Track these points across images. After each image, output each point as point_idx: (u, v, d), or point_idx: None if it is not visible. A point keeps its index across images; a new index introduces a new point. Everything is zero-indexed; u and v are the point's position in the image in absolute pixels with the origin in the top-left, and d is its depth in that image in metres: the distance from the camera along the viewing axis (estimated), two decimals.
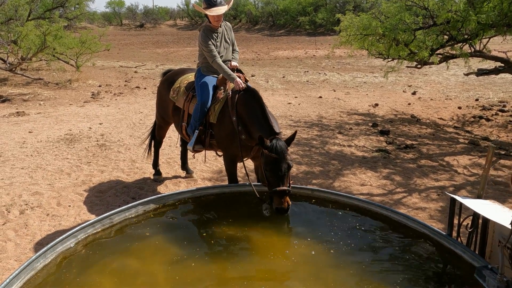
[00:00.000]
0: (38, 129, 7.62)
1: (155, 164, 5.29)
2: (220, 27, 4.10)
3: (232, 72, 4.00)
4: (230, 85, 4.04)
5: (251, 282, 2.63)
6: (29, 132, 7.38)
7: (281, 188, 3.24)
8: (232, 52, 4.32)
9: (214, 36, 4.06)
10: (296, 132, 3.55)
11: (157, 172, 5.27)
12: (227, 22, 4.25)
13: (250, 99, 3.77)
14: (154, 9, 49.26)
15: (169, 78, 4.74)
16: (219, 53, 4.08)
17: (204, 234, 3.21)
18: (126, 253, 2.82)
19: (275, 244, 3.17)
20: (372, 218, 3.39)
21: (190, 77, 4.49)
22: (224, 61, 4.14)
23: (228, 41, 4.22)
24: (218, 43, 4.10)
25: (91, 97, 10.91)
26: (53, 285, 2.43)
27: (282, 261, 2.90)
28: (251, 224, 3.33)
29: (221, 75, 4.10)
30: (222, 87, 4.13)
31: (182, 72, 4.77)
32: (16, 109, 9.43)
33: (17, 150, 6.36)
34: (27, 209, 4.43)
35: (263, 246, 3.11)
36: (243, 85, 3.88)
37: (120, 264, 2.71)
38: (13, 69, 12.30)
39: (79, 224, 3.10)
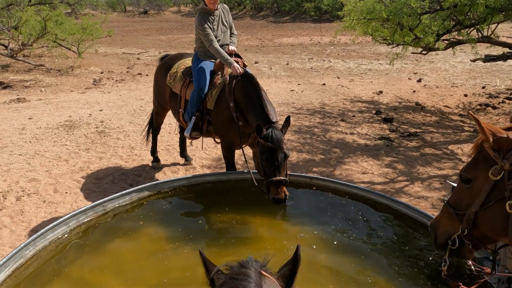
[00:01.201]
0: (38, 115, 7.57)
1: (153, 151, 5.22)
2: (216, 9, 3.97)
3: (229, 57, 3.89)
4: (228, 70, 3.93)
5: None
6: (29, 118, 7.34)
7: (278, 178, 3.18)
8: (230, 36, 4.20)
9: (210, 19, 3.94)
10: (289, 117, 3.45)
11: (155, 159, 5.21)
12: (224, 5, 4.12)
13: (247, 85, 3.68)
14: None
15: (166, 63, 4.63)
16: (216, 37, 3.96)
17: (200, 222, 3.16)
18: (117, 240, 2.76)
19: (271, 233, 3.11)
20: (372, 207, 3.31)
21: (187, 62, 4.38)
22: (221, 45, 4.02)
23: (226, 24, 4.09)
24: (215, 27, 3.98)
25: (93, 84, 10.83)
26: (41, 274, 2.38)
27: (278, 249, 2.83)
28: (248, 212, 3.26)
29: (218, 60, 3.99)
30: (219, 72, 4.02)
31: (179, 57, 4.66)
32: (17, 95, 9.38)
33: (16, 136, 6.32)
34: (23, 196, 4.39)
35: (259, 234, 3.05)
36: (241, 70, 3.78)
37: (111, 252, 2.66)
38: (14, 55, 12.23)
39: (73, 211, 3.05)
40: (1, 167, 5.13)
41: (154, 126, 5.18)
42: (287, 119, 3.42)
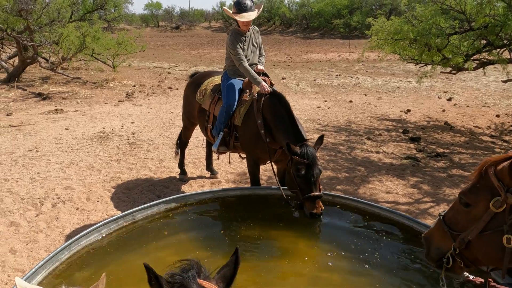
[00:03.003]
0: (74, 126, 7.96)
1: (181, 164, 5.40)
2: (248, 31, 4.15)
3: (258, 76, 4.03)
4: (256, 88, 4.07)
5: (265, 285, 2.64)
6: (66, 129, 7.73)
7: (315, 193, 3.29)
8: (259, 56, 4.35)
9: (242, 39, 4.11)
10: (322, 136, 3.55)
11: (183, 172, 5.38)
12: (255, 27, 4.29)
13: (277, 104, 3.80)
14: (190, 11, 50.33)
15: (195, 80, 4.83)
16: (246, 56, 4.12)
17: (222, 233, 3.26)
18: (144, 249, 2.90)
19: (293, 249, 3.16)
20: (395, 227, 3.31)
21: (217, 79, 4.56)
22: (250, 65, 4.18)
23: (255, 45, 4.25)
24: (246, 47, 4.15)
25: (125, 97, 11.27)
26: (73, 277, 2.54)
27: (299, 266, 2.89)
28: (270, 227, 3.34)
29: (247, 78, 4.14)
30: (248, 90, 4.17)
31: (208, 74, 4.85)
32: (55, 106, 9.89)
33: (53, 145, 6.67)
34: (58, 203, 4.64)
35: (281, 250, 3.11)
36: (269, 88, 3.91)
37: (137, 261, 2.79)
38: (54, 68, 12.91)
39: (105, 219, 3.22)
40: (39, 174, 5.44)
41: (182, 140, 5.37)
42: (321, 138, 3.56)
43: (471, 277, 1.80)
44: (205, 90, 4.52)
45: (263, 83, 3.94)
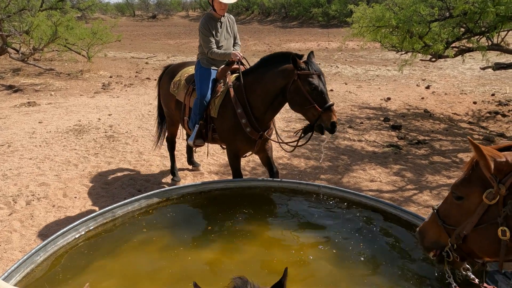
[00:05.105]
0: (48, 119, 7.65)
1: (173, 170, 5.02)
2: (223, 16, 4.01)
3: (226, 50, 3.94)
4: (231, 78, 3.93)
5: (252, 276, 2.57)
6: (39, 122, 7.42)
7: (331, 102, 3.37)
8: (234, 45, 4.20)
9: (216, 25, 3.96)
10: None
11: (176, 177, 5.00)
12: (230, 15, 4.16)
13: (257, 73, 3.70)
14: (167, 0, 49.22)
15: (169, 72, 4.63)
16: (219, 42, 3.99)
17: (209, 228, 3.16)
18: (126, 246, 2.78)
19: (278, 240, 3.10)
20: (380, 216, 3.29)
21: (191, 70, 4.37)
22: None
23: (230, 33, 4.11)
24: (219, 33, 4.00)
25: (102, 88, 10.93)
26: (50, 281, 2.40)
27: (284, 257, 2.83)
28: (256, 220, 3.26)
29: (220, 68, 4.00)
30: (221, 80, 4.01)
31: (182, 65, 4.66)
32: (28, 99, 9.50)
33: (26, 140, 6.39)
34: (33, 200, 4.43)
35: (266, 242, 3.05)
36: (241, 54, 3.84)
37: (119, 259, 2.67)
38: (26, 59, 12.39)
39: (83, 217, 3.07)
40: (12, 170, 5.19)
41: (168, 139, 5.03)
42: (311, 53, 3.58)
43: (476, 280, 1.77)
44: (179, 81, 4.33)
45: (234, 51, 3.87)
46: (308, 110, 3.44)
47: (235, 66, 3.93)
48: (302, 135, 3.75)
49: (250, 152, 4.04)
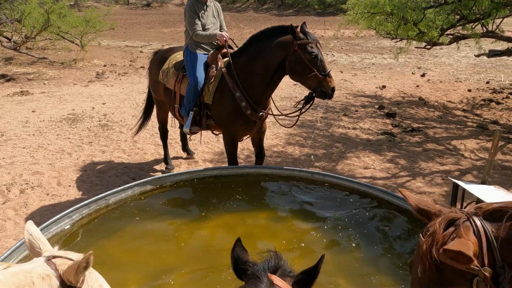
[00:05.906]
0: (42, 108, 7.60)
1: (166, 159, 4.99)
2: (210, 1, 3.98)
3: (212, 32, 3.92)
4: (222, 62, 3.89)
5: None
6: (32, 111, 7.36)
7: (329, 69, 3.55)
8: (220, 30, 4.14)
9: (201, 7, 3.91)
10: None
11: (169, 165, 4.97)
12: (216, 2, 4.12)
13: (248, 55, 3.72)
14: None
15: (158, 58, 4.54)
16: (205, 25, 3.94)
17: (203, 214, 3.18)
18: (119, 234, 2.79)
19: (272, 227, 3.13)
20: (373, 202, 3.32)
21: (179, 56, 4.29)
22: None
23: (216, 18, 4.07)
24: (205, 17, 3.95)
25: (96, 77, 10.84)
26: None
27: (278, 243, 2.85)
28: (249, 206, 3.28)
29: (211, 53, 3.96)
30: (213, 65, 3.94)
31: (171, 50, 4.58)
32: (20, 88, 9.40)
33: (19, 129, 6.35)
34: (27, 189, 4.43)
35: (263, 229, 3.07)
36: (227, 35, 3.83)
37: (112, 248, 2.69)
38: (18, 47, 12.23)
39: (76, 205, 3.07)
40: (5, 160, 5.17)
41: (160, 128, 4.99)
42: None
43: None
44: (167, 69, 4.24)
45: (220, 33, 3.86)
46: (309, 78, 3.53)
47: (225, 50, 3.88)
48: (304, 105, 3.77)
49: (248, 136, 4.02)
